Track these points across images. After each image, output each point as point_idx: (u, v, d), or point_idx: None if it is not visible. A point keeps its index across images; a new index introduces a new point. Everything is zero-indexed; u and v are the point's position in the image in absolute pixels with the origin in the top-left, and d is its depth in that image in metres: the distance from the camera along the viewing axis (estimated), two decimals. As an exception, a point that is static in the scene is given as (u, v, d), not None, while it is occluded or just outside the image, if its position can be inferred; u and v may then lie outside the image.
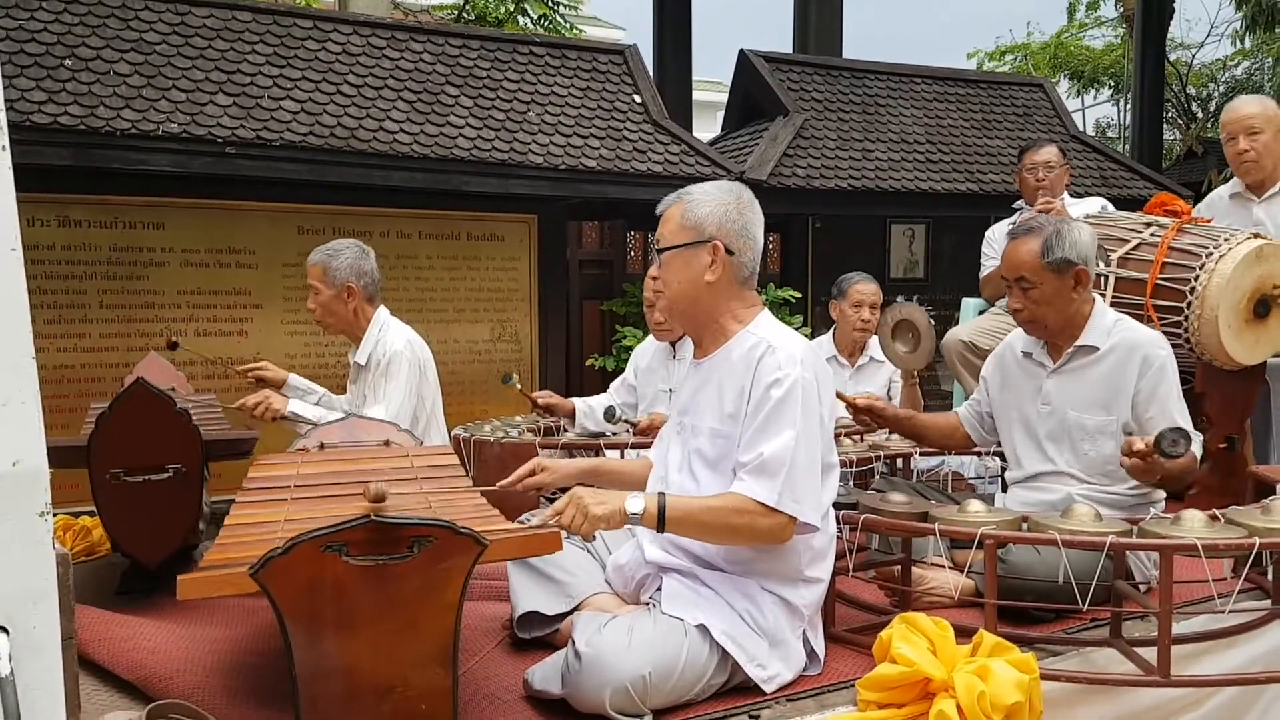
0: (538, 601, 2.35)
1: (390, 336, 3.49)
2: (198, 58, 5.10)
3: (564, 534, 2.38)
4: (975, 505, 2.33)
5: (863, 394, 3.06)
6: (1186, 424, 2.69)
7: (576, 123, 6.04)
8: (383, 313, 3.57)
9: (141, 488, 2.69)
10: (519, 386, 4.06)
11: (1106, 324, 2.82)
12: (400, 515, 1.56)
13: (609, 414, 3.82)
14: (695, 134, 7.18)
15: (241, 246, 5.26)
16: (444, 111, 5.58)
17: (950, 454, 3.50)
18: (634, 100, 6.44)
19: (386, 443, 2.77)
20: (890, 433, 4.05)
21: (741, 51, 7.69)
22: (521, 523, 2.35)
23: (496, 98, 5.88)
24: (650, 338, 4.20)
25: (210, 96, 4.94)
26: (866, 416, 2.98)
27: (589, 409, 4.09)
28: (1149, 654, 2.13)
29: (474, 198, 5.64)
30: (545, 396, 4.07)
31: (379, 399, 3.39)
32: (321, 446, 2.71)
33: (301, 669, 1.60)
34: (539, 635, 2.36)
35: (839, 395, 2.86)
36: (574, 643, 1.95)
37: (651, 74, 7.50)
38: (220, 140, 4.75)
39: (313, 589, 1.55)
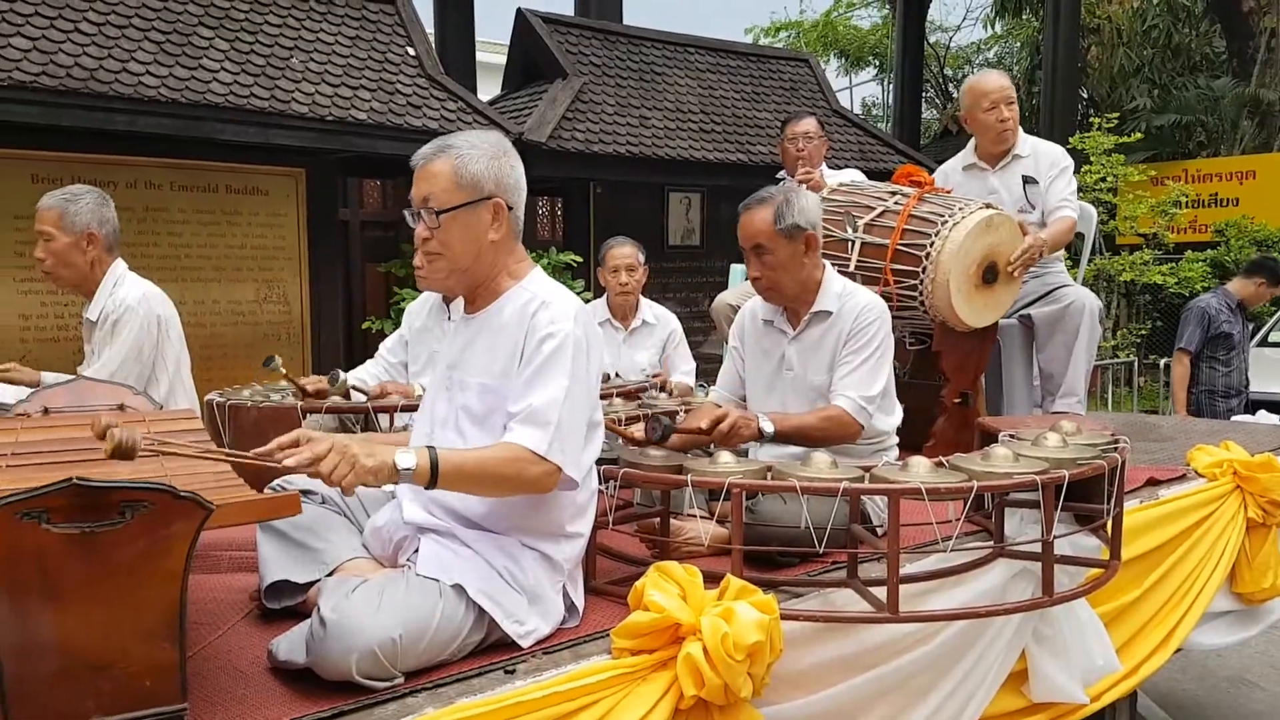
0: (288, 569, 2.24)
1: (124, 291, 3.24)
2: (-90, -15, 4.55)
3: (306, 498, 2.29)
4: (726, 457, 2.41)
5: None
6: (856, 390, 2.82)
7: (345, 73, 5.79)
8: (119, 265, 3.31)
9: None
10: (283, 371, 3.72)
11: (837, 289, 2.97)
12: (106, 479, 1.44)
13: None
14: (480, 95, 7.05)
15: (-33, 197, 4.76)
16: (196, 54, 5.21)
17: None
18: (407, 53, 6.24)
19: (121, 407, 2.57)
20: (661, 389, 4.15)
21: (519, 10, 7.60)
22: (275, 490, 2.24)
23: (256, 42, 5.54)
24: (424, 295, 4.08)
25: (-77, 28, 4.42)
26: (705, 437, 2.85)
27: (360, 382, 3.91)
28: (882, 593, 2.27)
29: (232, 148, 5.32)
30: (314, 383, 3.75)
31: (99, 357, 3.16)
32: (46, 411, 2.49)
33: (5, 646, 1.47)
34: (289, 605, 2.26)
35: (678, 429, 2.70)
36: (319, 609, 1.87)
37: (432, 30, 7.29)
38: (-65, 77, 4.27)
39: (11, 559, 1.42)
